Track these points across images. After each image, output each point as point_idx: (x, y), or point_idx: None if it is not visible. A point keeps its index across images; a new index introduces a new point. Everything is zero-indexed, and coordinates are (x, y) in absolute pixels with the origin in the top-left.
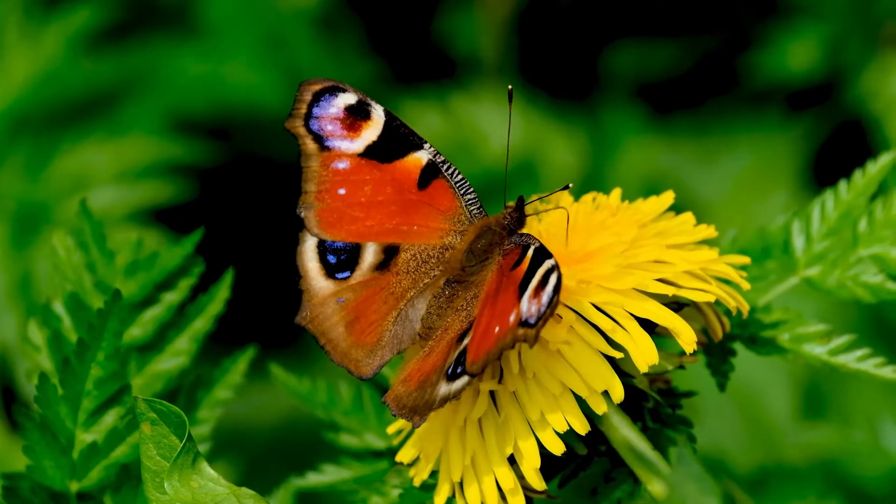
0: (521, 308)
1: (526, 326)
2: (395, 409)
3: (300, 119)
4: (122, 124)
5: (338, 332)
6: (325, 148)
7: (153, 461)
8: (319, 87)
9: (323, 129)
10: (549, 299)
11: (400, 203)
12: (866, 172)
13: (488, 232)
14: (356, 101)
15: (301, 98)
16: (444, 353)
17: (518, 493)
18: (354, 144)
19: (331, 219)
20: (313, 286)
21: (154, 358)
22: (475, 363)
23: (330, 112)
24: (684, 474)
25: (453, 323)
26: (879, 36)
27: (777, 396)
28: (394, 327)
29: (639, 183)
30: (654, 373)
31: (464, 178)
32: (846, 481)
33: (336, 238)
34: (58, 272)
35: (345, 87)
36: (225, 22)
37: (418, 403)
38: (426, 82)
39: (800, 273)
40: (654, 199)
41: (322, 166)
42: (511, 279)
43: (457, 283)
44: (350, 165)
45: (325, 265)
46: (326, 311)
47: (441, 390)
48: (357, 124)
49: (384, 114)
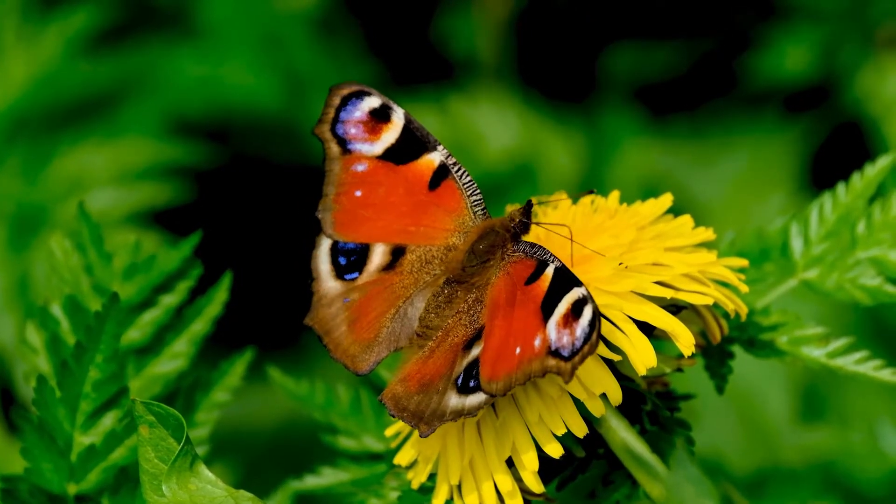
0: (548, 334)
1: (558, 357)
2: (393, 409)
3: (328, 124)
4: (121, 126)
5: (340, 330)
6: (348, 151)
7: (151, 464)
8: (348, 92)
9: (347, 133)
10: (585, 335)
11: (410, 204)
12: (864, 175)
13: (491, 233)
14: (380, 104)
15: (330, 103)
16: (448, 358)
17: (516, 496)
18: (374, 147)
19: (345, 220)
20: (323, 287)
21: (152, 360)
22: (495, 383)
23: (355, 116)
24: (682, 477)
25: (455, 326)
26: (876, 37)
27: (775, 399)
28: (391, 324)
29: (637, 185)
30: (652, 375)
31: (472, 179)
32: (844, 483)
33: (348, 239)
34: (55, 274)
35: (370, 90)
36: (223, 23)
37: (423, 410)
38: (424, 84)
39: (798, 275)
40: (652, 201)
41: (343, 169)
42: (528, 295)
43: (457, 282)
44: (368, 168)
45: (335, 267)
46: (332, 310)
47: (452, 402)
48: (378, 127)
49: (404, 116)
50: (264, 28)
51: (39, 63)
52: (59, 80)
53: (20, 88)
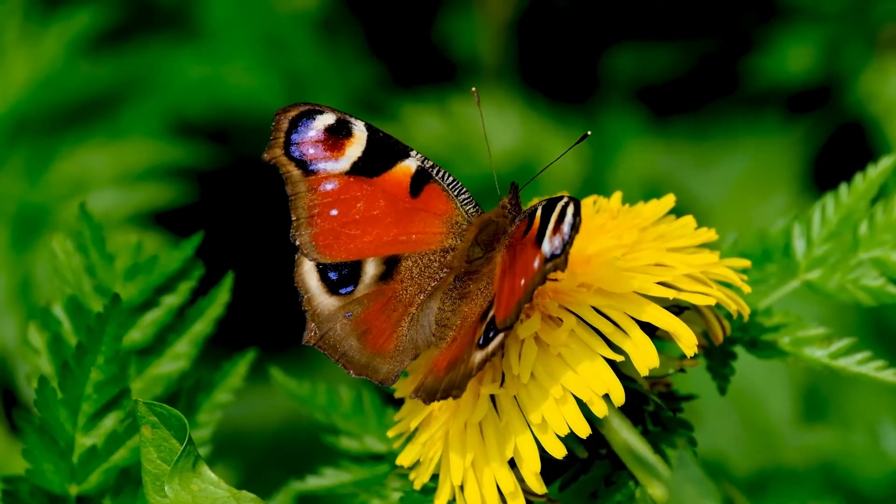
0: (543, 250)
1: (553, 259)
2: (426, 398)
3: (280, 148)
4: (122, 127)
5: (350, 344)
6: (310, 172)
7: (153, 464)
8: (296, 113)
9: (305, 154)
10: (571, 221)
11: (395, 214)
12: (867, 176)
13: (491, 224)
14: (335, 120)
15: (278, 127)
16: (469, 335)
17: (518, 497)
18: (340, 164)
19: (327, 241)
20: (318, 304)
21: (154, 361)
22: (508, 318)
23: (309, 136)
24: (684, 477)
25: (470, 312)
26: (878, 38)
27: (777, 399)
28: (408, 332)
29: (639, 186)
30: (654, 376)
31: (455, 179)
32: (846, 484)
33: (336, 259)
34: (57, 275)
35: (322, 108)
36: (224, 24)
37: (454, 380)
38: (426, 85)
39: (800, 276)
40: (654, 202)
41: (310, 190)
42: (524, 243)
43: (466, 276)
44: (339, 185)
45: (326, 283)
46: (335, 326)
47: (477, 358)
48: (339, 143)
49: (366, 128)
50: (265, 29)
51: (41, 64)
52: (61, 81)
53: (22, 89)
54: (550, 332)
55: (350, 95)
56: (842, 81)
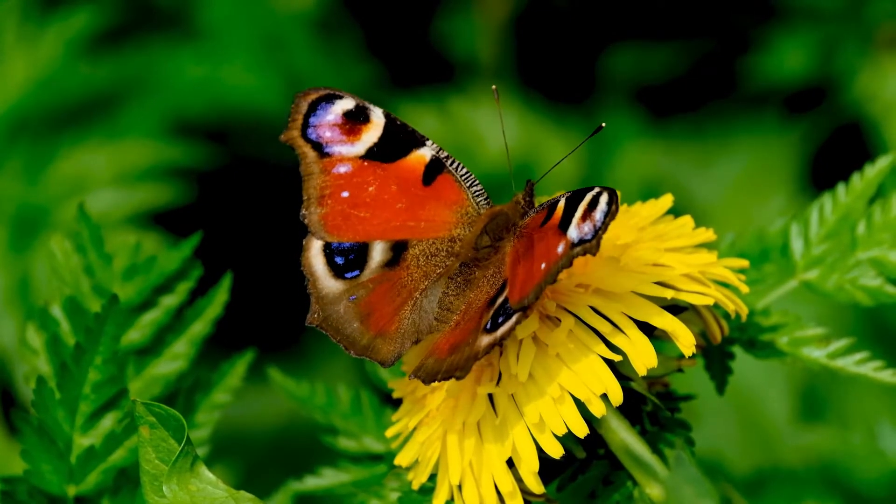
0: (569, 237)
1: (583, 244)
2: (426, 378)
3: (297, 130)
4: (121, 127)
5: (353, 327)
6: (326, 154)
7: (152, 465)
8: (315, 97)
9: (321, 137)
10: (605, 209)
11: (406, 200)
12: (864, 175)
13: (501, 215)
14: (354, 106)
15: (297, 109)
16: (475, 319)
17: (516, 497)
18: (355, 148)
19: (336, 221)
20: (323, 287)
21: (152, 362)
22: (525, 297)
23: (328, 119)
24: (682, 477)
25: (476, 298)
26: (876, 38)
27: (775, 399)
28: (411, 316)
29: (637, 186)
30: (652, 376)
31: (468, 171)
32: (844, 484)
33: (343, 239)
34: (56, 276)
35: (342, 93)
36: (223, 24)
37: (457, 361)
38: (424, 85)
39: (798, 276)
40: (652, 202)
41: (323, 172)
42: (545, 230)
43: (473, 263)
44: (352, 168)
45: (332, 266)
46: (339, 309)
47: (484, 341)
48: (357, 128)
49: (384, 115)
50: (264, 29)
51: (40, 64)
52: (60, 82)
53: (20, 90)
54: (549, 332)
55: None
56: (839, 81)
